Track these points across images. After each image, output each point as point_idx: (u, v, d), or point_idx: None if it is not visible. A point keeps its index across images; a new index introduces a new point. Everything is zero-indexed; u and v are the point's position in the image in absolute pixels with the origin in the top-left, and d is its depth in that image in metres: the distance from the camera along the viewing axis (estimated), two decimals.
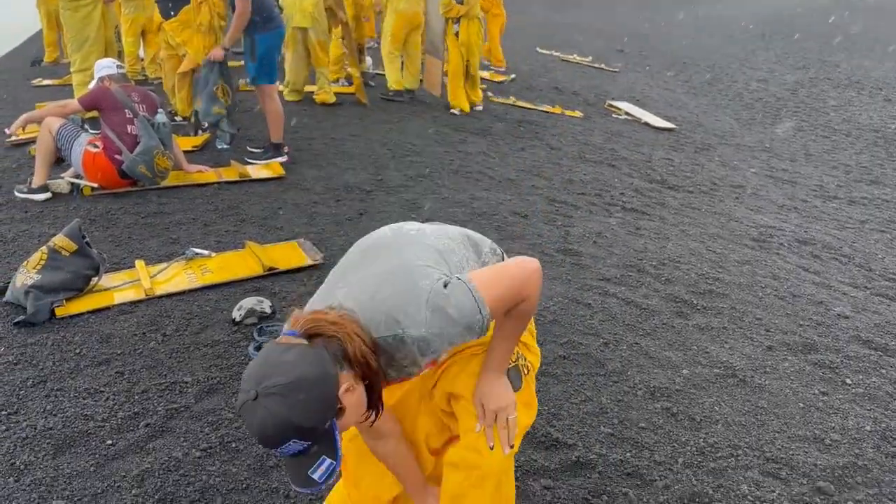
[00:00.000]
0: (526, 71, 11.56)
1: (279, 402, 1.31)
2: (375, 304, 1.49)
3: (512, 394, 1.72)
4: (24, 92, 8.09)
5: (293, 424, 1.32)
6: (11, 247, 3.98)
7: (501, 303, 1.56)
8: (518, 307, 1.62)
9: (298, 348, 1.37)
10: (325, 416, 1.36)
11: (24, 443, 2.52)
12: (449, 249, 1.68)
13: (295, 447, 1.35)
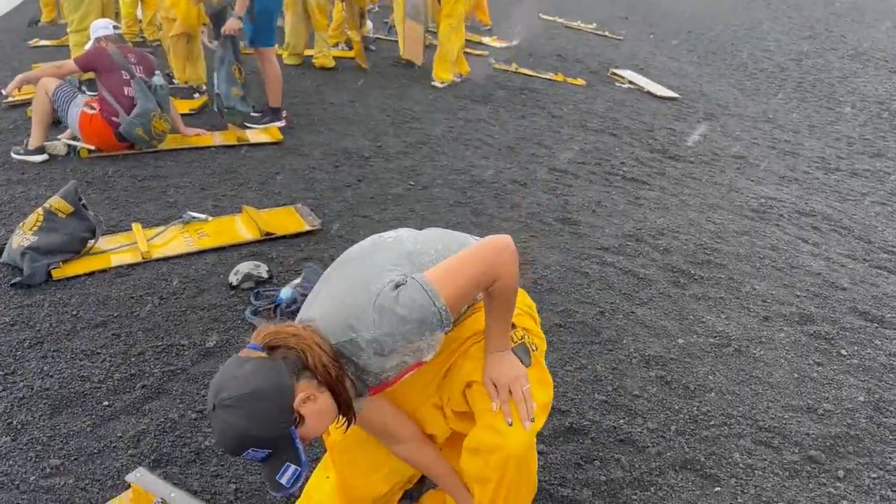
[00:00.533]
0: (528, 37, 11.41)
1: (234, 414, 1.37)
2: (335, 313, 1.54)
3: (521, 366, 1.71)
4: (20, 52, 7.99)
5: (249, 434, 1.39)
6: (7, 208, 3.96)
7: (463, 291, 1.58)
8: (495, 287, 1.62)
9: (255, 361, 1.43)
10: (280, 425, 1.42)
11: (21, 403, 2.54)
12: (420, 251, 1.70)
13: (256, 454, 1.42)
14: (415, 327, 1.50)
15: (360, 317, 1.50)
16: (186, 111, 5.61)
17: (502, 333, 1.71)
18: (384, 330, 1.49)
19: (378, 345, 1.50)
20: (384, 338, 1.49)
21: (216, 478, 2.26)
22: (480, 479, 1.71)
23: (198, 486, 2.22)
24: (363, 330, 1.49)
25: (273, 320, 3.03)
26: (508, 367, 1.69)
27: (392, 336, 1.49)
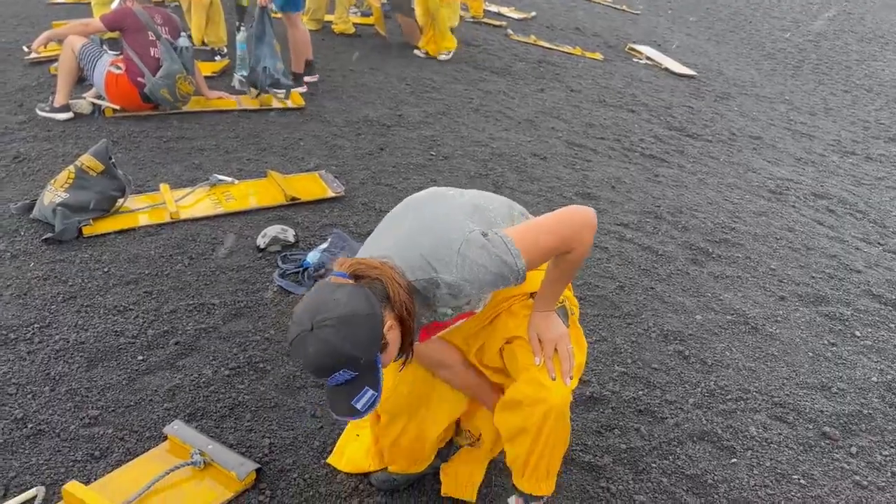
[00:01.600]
0: (547, 9, 11.33)
1: (333, 334, 1.40)
2: (413, 252, 1.57)
3: (564, 326, 1.78)
4: (37, 9, 7.97)
5: (345, 354, 1.41)
6: (36, 164, 4.01)
7: (541, 256, 1.63)
8: (566, 256, 1.68)
9: (348, 287, 1.46)
10: (372, 349, 1.45)
11: (58, 355, 2.61)
12: (484, 206, 1.75)
13: (343, 376, 1.44)
14: (493, 279, 1.56)
15: (442, 259, 1.54)
16: (208, 74, 5.61)
17: (554, 296, 1.77)
18: (465, 275, 1.53)
19: (455, 288, 1.54)
20: (463, 283, 1.54)
21: (250, 432, 2.34)
22: (521, 430, 1.77)
23: (233, 440, 2.29)
24: (444, 272, 1.54)
25: (303, 284, 3.10)
26: (554, 325, 1.76)
27: (470, 283, 1.54)
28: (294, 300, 3.03)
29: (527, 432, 1.75)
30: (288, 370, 2.63)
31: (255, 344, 2.75)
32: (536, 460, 1.81)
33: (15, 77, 5.33)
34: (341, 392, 1.48)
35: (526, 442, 1.77)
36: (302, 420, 2.41)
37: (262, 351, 2.71)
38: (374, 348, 1.46)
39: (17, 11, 7.75)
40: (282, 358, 2.69)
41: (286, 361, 2.68)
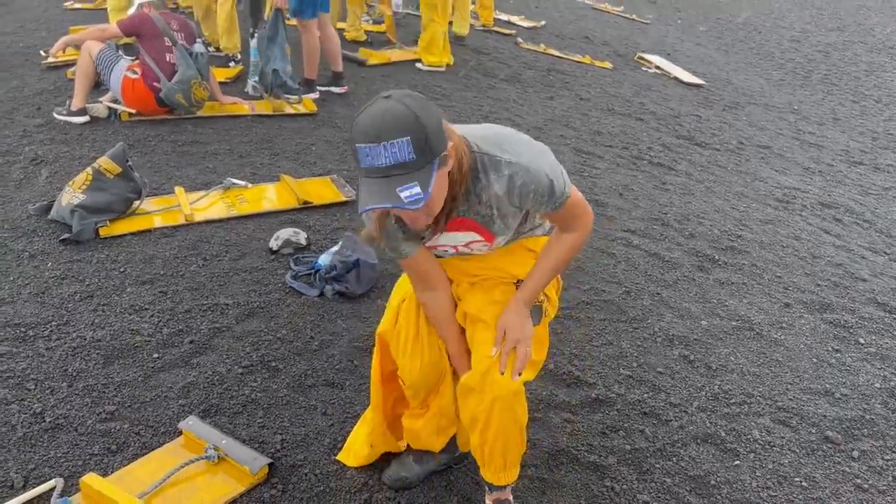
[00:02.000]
0: (557, 18, 11.40)
1: (411, 102, 1.45)
2: (482, 135, 1.67)
3: (532, 328, 1.84)
4: (55, 14, 8.10)
5: (417, 121, 1.41)
6: (53, 167, 4.09)
7: (575, 201, 1.73)
8: (567, 238, 1.78)
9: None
10: (440, 141, 1.46)
11: (76, 352, 2.67)
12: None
13: (401, 150, 1.40)
14: (545, 188, 1.63)
15: (513, 148, 1.64)
16: (222, 79, 5.70)
17: (538, 288, 1.84)
18: (526, 162, 1.61)
19: (512, 178, 1.62)
20: (522, 172, 1.61)
21: (263, 429, 2.39)
22: (473, 419, 1.86)
23: (246, 436, 2.35)
24: (512, 155, 1.61)
25: (315, 286, 3.16)
26: (523, 325, 1.82)
27: (526, 178, 1.61)
28: (305, 301, 3.09)
29: (477, 421, 1.85)
30: (300, 369, 2.68)
31: (268, 343, 2.81)
32: (490, 450, 1.90)
33: (33, 81, 5.44)
34: (390, 175, 1.43)
35: (477, 430, 1.87)
36: (313, 417, 2.46)
37: (275, 350, 2.77)
38: (441, 144, 1.47)
39: (36, 16, 7.89)
40: (294, 357, 2.75)
41: (298, 360, 2.73)
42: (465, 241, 1.82)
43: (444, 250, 1.89)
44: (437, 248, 1.87)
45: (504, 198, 1.67)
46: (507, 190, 1.65)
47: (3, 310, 2.88)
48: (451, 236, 1.80)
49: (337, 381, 2.64)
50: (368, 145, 1.42)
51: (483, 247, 1.85)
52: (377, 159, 1.41)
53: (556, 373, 2.83)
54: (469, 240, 1.81)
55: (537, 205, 1.69)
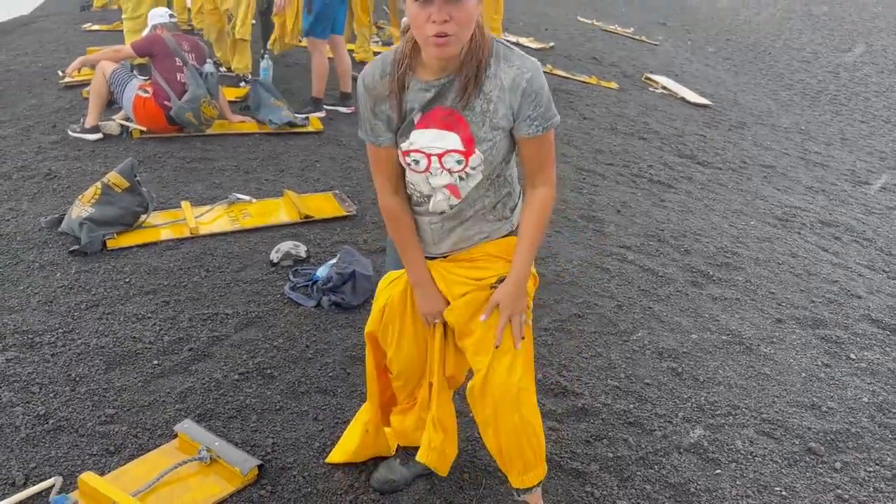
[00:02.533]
0: (566, 39, 11.54)
1: None
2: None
3: (525, 301, 1.92)
4: (74, 36, 8.33)
5: None
6: (65, 182, 4.23)
7: (552, 139, 1.83)
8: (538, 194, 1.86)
9: None
10: None
11: (79, 358, 2.78)
12: None
13: None
14: (545, 99, 1.75)
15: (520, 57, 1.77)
16: (232, 99, 5.85)
17: (526, 260, 1.89)
18: (537, 68, 1.74)
19: (522, 70, 1.72)
20: (533, 70, 1.73)
21: (255, 432, 2.48)
22: (484, 424, 1.97)
23: (239, 439, 2.43)
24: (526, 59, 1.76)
25: (312, 297, 3.25)
26: (516, 297, 1.89)
27: (535, 76, 1.72)
28: (303, 311, 3.18)
29: (487, 425, 1.96)
30: (294, 376, 2.77)
31: (265, 351, 2.90)
32: (507, 455, 1.99)
33: (50, 100, 5.61)
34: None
35: (490, 435, 1.98)
36: (304, 423, 2.55)
37: (271, 358, 2.86)
38: None
39: (56, 37, 8.12)
40: (289, 365, 2.83)
41: (293, 368, 2.82)
42: (442, 149, 1.79)
43: (417, 158, 1.83)
44: (412, 153, 1.83)
45: (507, 91, 1.73)
46: (513, 81, 1.72)
47: (12, 317, 2.99)
48: (432, 135, 1.80)
49: (329, 388, 2.73)
50: None
51: (457, 164, 1.81)
52: None
53: (545, 383, 2.89)
54: (448, 146, 1.79)
55: (533, 113, 1.74)
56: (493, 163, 1.82)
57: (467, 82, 1.72)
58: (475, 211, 1.90)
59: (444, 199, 1.88)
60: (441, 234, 1.95)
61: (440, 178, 1.84)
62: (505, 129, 1.78)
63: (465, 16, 1.62)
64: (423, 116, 1.79)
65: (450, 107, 1.76)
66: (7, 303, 3.09)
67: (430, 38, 1.62)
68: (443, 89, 1.76)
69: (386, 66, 1.80)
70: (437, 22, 1.60)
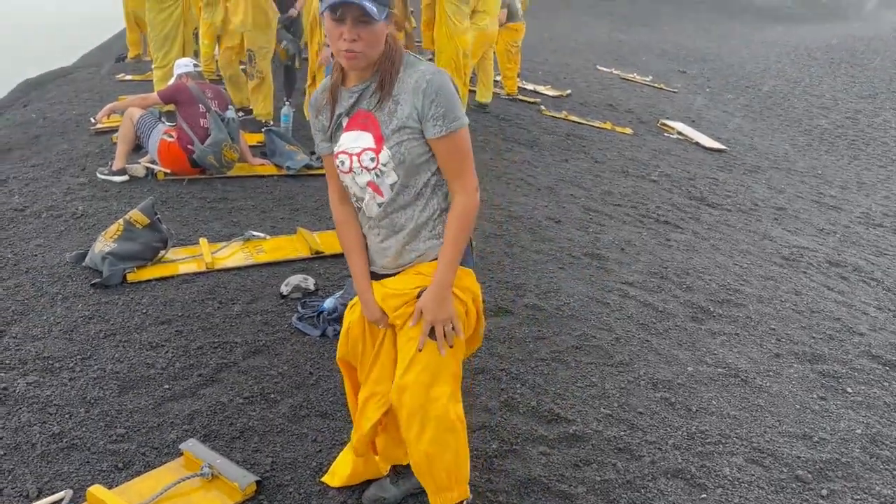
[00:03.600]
0: (583, 87, 11.79)
1: None
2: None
3: (453, 309, 1.99)
4: (108, 85, 8.75)
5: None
6: (91, 220, 4.46)
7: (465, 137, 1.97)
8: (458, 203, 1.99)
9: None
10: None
11: (95, 382, 2.94)
12: None
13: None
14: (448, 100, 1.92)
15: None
16: (254, 143, 6.11)
17: (448, 269, 1.98)
18: (440, 72, 1.95)
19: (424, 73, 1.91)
20: (435, 73, 1.93)
21: (256, 452, 2.60)
22: (405, 440, 2.05)
23: (240, 458, 2.56)
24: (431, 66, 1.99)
25: (318, 327, 3.40)
26: (439, 303, 1.97)
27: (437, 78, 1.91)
28: (308, 340, 3.32)
29: (407, 441, 2.04)
30: (296, 401, 2.90)
31: (270, 378, 3.04)
32: (419, 472, 2.08)
33: (81, 145, 5.92)
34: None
35: (410, 448, 2.05)
36: (304, 444, 2.66)
37: (275, 384, 3.00)
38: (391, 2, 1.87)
39: (91, 86, 8.55)
40: (292, 390, 2.97)
41: (295, 393, 2.95)
42: (360, 148, 1.97)
43: (343, 159, 2.00)
44: (339, 155, 2.01)
45: (411, 93, 1.91)
46: (416, 83, 1.90)
47: (35, 344, 3.17)
48: (353, 136, 1.99)
49: (329, 412, 2.85)
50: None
51: (370, 161, 1.96)
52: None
53: (538, 410, 2.98)
54: (363, 145, 1.97)
55: (434, 113, 1.89)
56: (403, 161, 1.95)
57: (380, 86, 1.93)
58: (405, 221, 2.02)
59: (370, 198, 2.03)
60: (382, 246, 2.08)
61: (361, 176, 2.00)
62: (412, 129, 1.93)
63: (374, 37, 1.85)
64: (349, 120, 2.00)
65: (366, 109, 1.97)
66: (31, 331, 3.28)
67: (342, 52, 1.85)
68: (362, 94, 1.96)
69: (326, 83, 2.04)
70: (347, 39, 1.83)
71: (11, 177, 5.25)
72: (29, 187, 5.01)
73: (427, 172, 2.00)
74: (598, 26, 22.78)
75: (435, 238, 2.05)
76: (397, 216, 2.03)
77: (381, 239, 2.08)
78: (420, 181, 2.00)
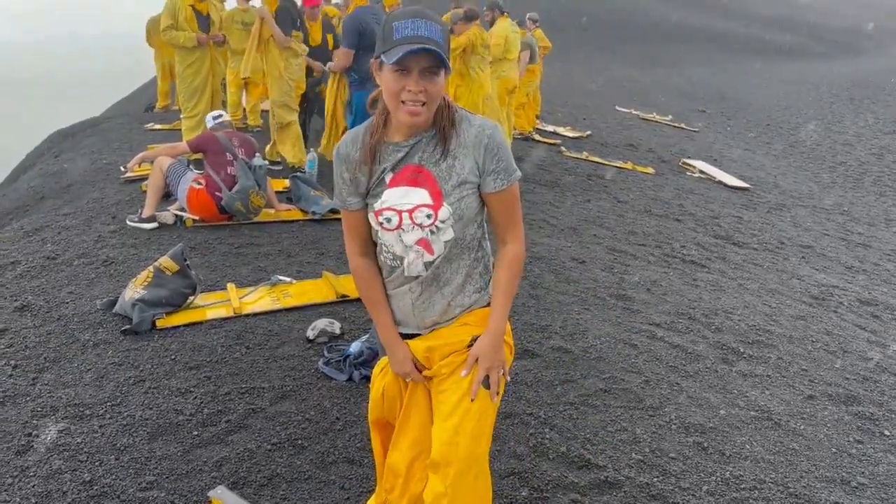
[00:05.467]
0: (603, 128, 11.86)
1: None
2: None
3: (504, 356, 1.98)
4: (137, 135, 8.96)
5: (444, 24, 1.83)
6: (121, 268, 4.53)
7: (517, 192, 1.96)
8: (507, 252, 1.97)
9: None
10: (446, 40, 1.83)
11: (125, 429, 2.95)
12: None
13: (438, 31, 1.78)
14: (507, 155, 1.92)
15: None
16: (280, 189, 6.20)
17: (502, 315, 1.96)
18: (496, 127, 1.91)
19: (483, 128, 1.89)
20: (492, 129, 1.90)
21: (284, 500, 2.58)
22: (439, 493, 1.92)
23: None
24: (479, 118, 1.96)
25: (344, 371, 3.40)
26: (495, 350, 1.95)
27: (495, 134, 1.89)
28: (335, 385, 3.32)
29: (444, 495, 1.91)
30: (323, 447, 2.89)
31: (297, 423, 3.03)
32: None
33: (111, 193, 6.04)
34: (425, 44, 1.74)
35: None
36: (331, 491, 2.65)
37: (302, 430, 2.99)
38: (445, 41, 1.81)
39: (121, 136, 8.75)
40: (319, 436, 2.96)
41: (322, 439, 2.94)
42: (412, 204, 1.89)
43: (389, 216, 1.91)
44: (384, 212, 1.91)
45: (471, 147, 1.88)
46: (476, 139, 1.87)
47: (66, 391, 3.20)
48: (402, 192, 1.90)
49: (356, 459, 2.83)
50: (410, 20, 1.75)
51: (427, 219, 1.89)
52: (418, 30, 1.73)
53: (568, 455, 2.94)
54: (417, 201, 1.89)
55: (496, 168, 1.88)
56: (462, 217, 1.90)
57: (439, 142, 1.87)
58: (451, 275, 1.97)
59: (417, 257, 1.93)
60: (423, 305, 2.00)
61: (411, 234, 1.91)
62: (472, 184, 1.89)
63: (438, 89, 1.80)
64: (394, 176, 1.90)
65: (418, 164, 1.89)
66: (62, 378, 3.31)
67: (405, 106, 1.79)
68: (413, 149, 1.89)
69: (359, 135, 1.95)
70: (412, 92, 1.77)
71: (44, 225, 5.36)
72: (61, 235, 5.11)
73: (474, 225, 1.96)
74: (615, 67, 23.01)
75: (478, 291, 2.01)
76: (443, 272, 1.96)
77: (418, 295, 1.99)
78: (468, 235, 1.95)
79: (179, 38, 6.66)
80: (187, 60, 6.76)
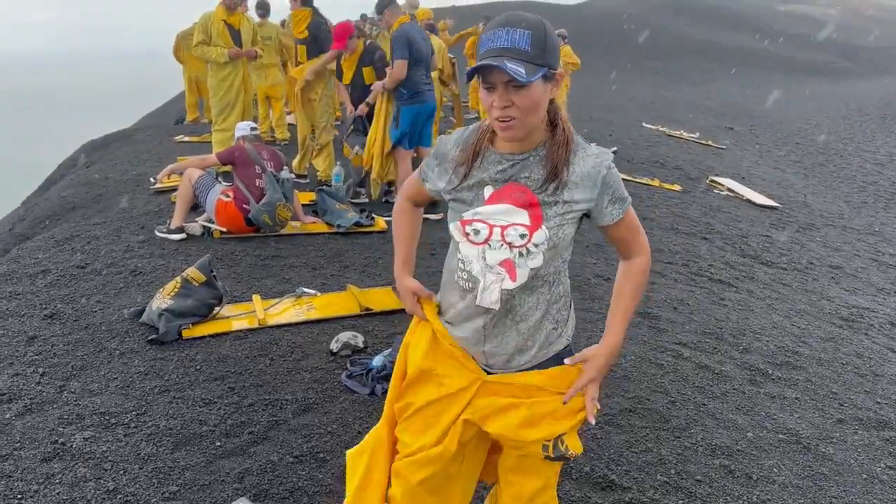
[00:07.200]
0: (629, 144, 11.79)
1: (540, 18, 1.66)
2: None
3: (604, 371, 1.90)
4: (167, 147, 9.09)
5: (542, 24, 1.65)
6: (149, 277, 4.58)
7: (633, 212, 1.88)
8: (634, 263, 1.90)
9: None
10: (554, 58, 1.68)
11: (149, 438, 2.97)
12: None
13: (520, 37, 1.63)
14: (621, 185, 1.81)
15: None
16: (306, 202, 6.25)
17: (622, 328, 1.88)
18: (611, 159, 1.78)
19: (602, 159, 1.76)
20: (608, 160, 1.77)
21: None
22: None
23: None
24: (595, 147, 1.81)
25: (366, 385, 3.39)
26: (606, 364, 1.88)
27: (612, 166, 1.78)
28: (357, 399, 3.32)
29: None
30: (344, 461, 2.87)
31: (319, 436, 3.03)
32: None
33: (141, 204, 6.12)
34: (502, 55, 1.61)
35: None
36: None
37: (325, 443, 2.99)
38: (554, 62, 1.67)
39: (149, 148, 8.88)
40: (341, 449, 2.95)
41: (344, 453, 2.93)
42: (508, 222, 1.77)
43: (479, 228, 1.79)
44: (474, 223, 1.80)
45: (587, 178, 1.75)
46: (594, 169, 1.74)
47: (92, 400, 3.23)
48: (502, 208, 1.78)
49: None
50: (494, 30, 1.64)
51: (519, 238, 1.76)
52: (496, 42, 1.63)
53: (592, 476, 2.90)
54: (514, 220, 1.76)
55: (613, 199, 1.78)
56: (556, 245, 1.76)
57: (552, 175, 1.74)
58: (529, 309, 1.82)
59: (495, 281, 1.79)
60: (483, 338, 1.86)
61: (498, 252, 1.78)
62: (576, 214, 1.77)
63: (529, 101, 1.65)
64: (494, 191, 1.78)
65: (524, 185, 1.76)
66: (89, 386, 3.34)
67: (495, 120, 1.69)
68: (518, 165, 1.76)
69: (469, 133, 1.86)
70: (497, 107, 1.66)
71: (74, 235, 5.45)
72: (90, 245, 5.19)
73: (560, 258, 1.82)
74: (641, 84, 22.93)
75: (556, 328, 1.88)
76: (520, 303, 1.81)
77: (486, 329, 1.85)
78: (553, 266, 1.80)
79: (211, 53, 6.76)
80: (219, 75, 6.87)
